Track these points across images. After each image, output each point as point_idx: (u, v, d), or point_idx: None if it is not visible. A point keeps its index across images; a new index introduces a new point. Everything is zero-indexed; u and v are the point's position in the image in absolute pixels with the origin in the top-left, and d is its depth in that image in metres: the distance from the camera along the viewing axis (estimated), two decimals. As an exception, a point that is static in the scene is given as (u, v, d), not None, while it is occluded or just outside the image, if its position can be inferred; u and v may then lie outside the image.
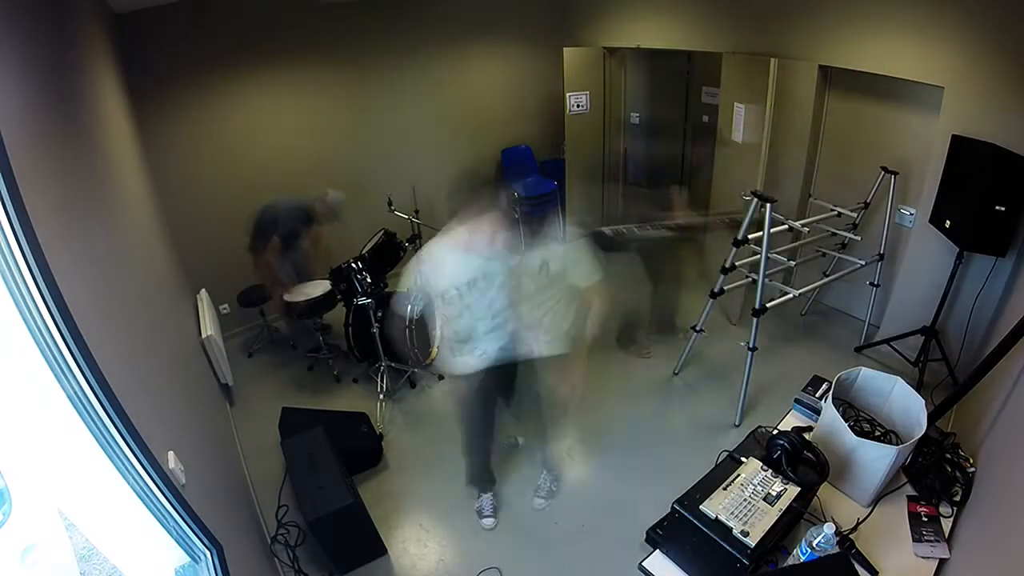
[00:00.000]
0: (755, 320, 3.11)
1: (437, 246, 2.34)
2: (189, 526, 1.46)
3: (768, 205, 2.91)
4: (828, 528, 1.56)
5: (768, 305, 3.13)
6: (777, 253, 3.28)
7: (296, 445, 2.85)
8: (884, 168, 3.39)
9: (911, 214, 3.44)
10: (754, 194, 2.98)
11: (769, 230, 2.94)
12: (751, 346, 3.14)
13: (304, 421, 3.20)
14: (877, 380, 2.06)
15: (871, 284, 3.68)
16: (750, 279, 3.37)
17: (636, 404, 3.60)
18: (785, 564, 1.68)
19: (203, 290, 3.94)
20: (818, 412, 2.15)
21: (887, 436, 2.02)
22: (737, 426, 3.28)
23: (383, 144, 4.84)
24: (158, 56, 3.62)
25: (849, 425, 1.87)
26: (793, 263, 3.18)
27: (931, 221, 3.09)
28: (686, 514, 1.62)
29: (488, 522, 2.85)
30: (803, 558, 1.60)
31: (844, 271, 3.64)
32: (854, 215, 3.58)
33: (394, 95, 4.75)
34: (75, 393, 1.11)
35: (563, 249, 2.46)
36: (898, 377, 2.02)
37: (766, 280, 3.09)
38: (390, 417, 3.61)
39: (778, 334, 3.99)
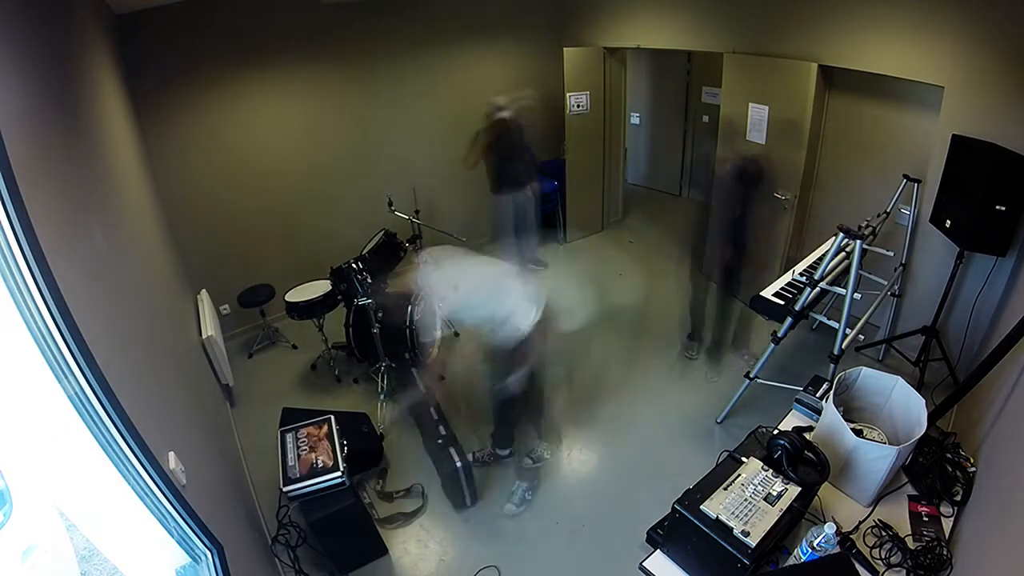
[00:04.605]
0: (833, 367, 2.78)
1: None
2: (190, 526, 1.46)
3: (858, 242, 2.57)
4: (829, 528, 1.56)
5: (844, 346, 2.79)
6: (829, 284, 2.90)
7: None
8: (907, 176, 3.25)
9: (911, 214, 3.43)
10: (840, 228, 2.60)
11: (859, 270, 2.61)
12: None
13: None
14: (878, 380, 2.06)
15: (893, 295, 3.56)
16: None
17: (637, 403, 3.60)
18: (786, 564, 1.68)
19: (203, 290, 3.94)
20: (819, 412, 2.15)
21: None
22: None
23: (383, 144, 4.84)
24: (158, 56, 3.62)
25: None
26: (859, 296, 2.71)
27: (931, 221, 3.08)
28: (687, 514, 1.62)
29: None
30: (804, 558, 1.60)
31: (871, 287, 3.43)
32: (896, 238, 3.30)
33: (395, 95, 4.75)
34: (75, 393, 1.11)
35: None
36: (899, 377, 2.02)
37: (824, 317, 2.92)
38: (391, 417, 3.61)
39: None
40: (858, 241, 2.58)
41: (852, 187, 3.83)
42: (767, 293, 3.13)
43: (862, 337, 3.45)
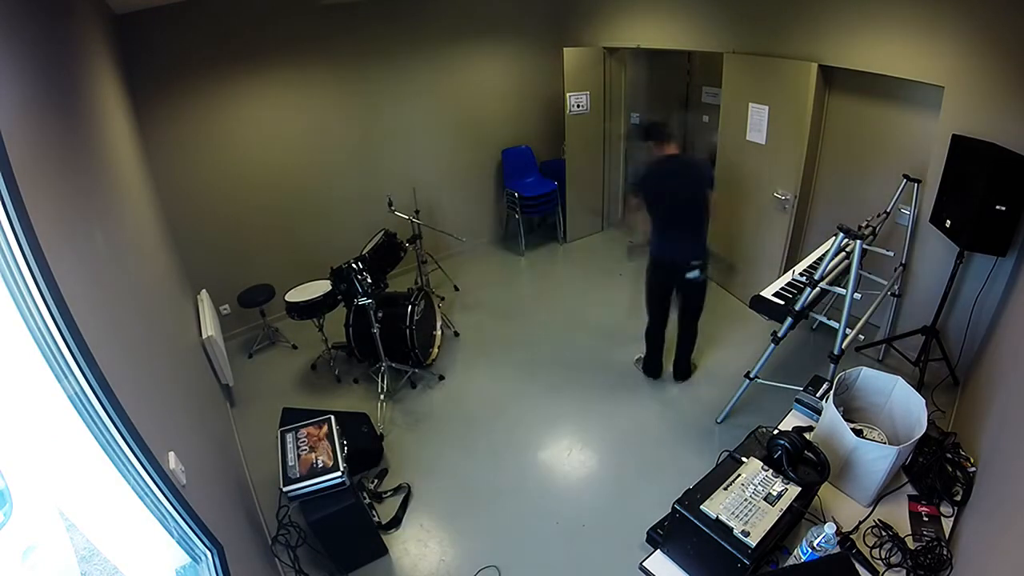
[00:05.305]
0: (833, 367, 2.78)
1: None
2: (190, 526, 1.46)
3: (858, 242, 2.57)
4: (829, 528, 1.56)
5: (844, 346, 2.78)
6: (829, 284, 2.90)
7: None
8: (907, 176, 3.24)
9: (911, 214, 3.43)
10: (840, 228, 2.57)
11: (859, 270, 2.61)
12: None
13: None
14: (878, 380, 2.06)
15: (893, 295, 3.56)
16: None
17: (638, 403, 3.61)
18: (786, 564, 1.68)
19: (204, 291, 3.94)
20: (819, 412, 2.15)
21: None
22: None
23: (384, 144, 4.84)
24: (158, 56, 3.62)
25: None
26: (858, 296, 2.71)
27: (931, 221, 3.08)
28: (687, 514, 1.62)
29: None
30: (804, 558, 1.60)
31: (871, 287, 3.45)
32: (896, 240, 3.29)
33: (395, 95, 4.76)
34: (75, 393, 1.11)
35: None
36: (899, 377, 2.02)
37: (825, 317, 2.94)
38: (391, 417, 3.61)
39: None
40: (858, 241, 2.58)
41: (852, 187, 3.83)
42: (767, 293, 3.13)
43: (862, 337, 3.45)
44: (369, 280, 3.48)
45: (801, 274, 3.11)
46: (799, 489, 1.65)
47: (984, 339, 3.05)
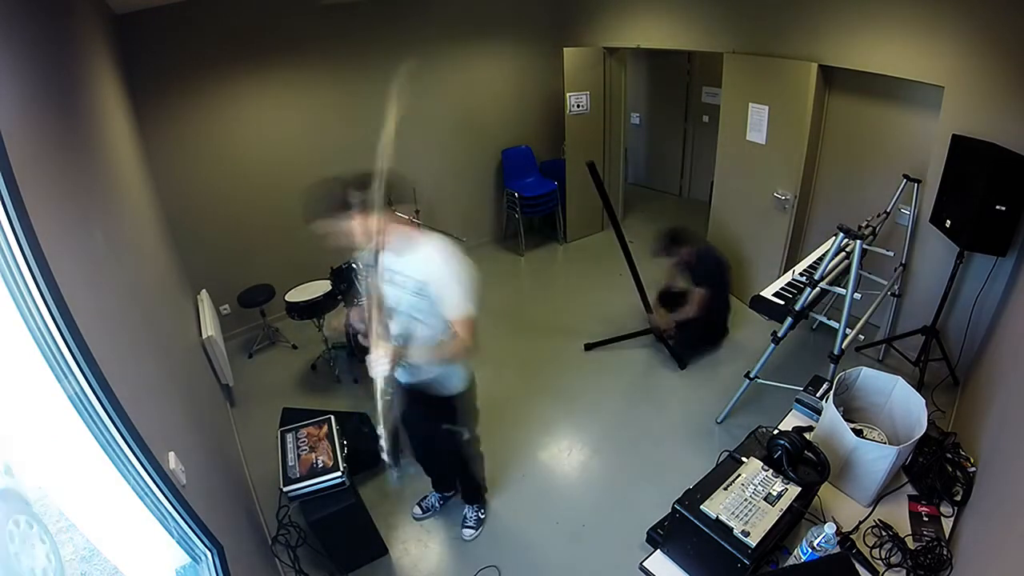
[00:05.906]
0: (833, 367, 2.78)
1: None
2: (190, 526, 1.46)
3: (858, 242, 2.58)
4: (829, 528, 1.56)
5: (844, 346, 2.78)
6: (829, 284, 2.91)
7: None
8: (907, 176, 3.24)
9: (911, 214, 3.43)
10: (840, 228, 2.58)
11: (859, 270, 2.63)
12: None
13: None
14: (878, 380, 2.06)
15: (893, 295, 3.56)
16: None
17: (638, 404, 3.61)
18: (786, 564, 1.68)
19: (204, 291, 3.94)
20: (819, 412, 2.15)
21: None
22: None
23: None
24: (158, 56, 3.62)
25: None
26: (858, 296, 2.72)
27: (931, 221, 3.08)
28: (687, 514, 1.62)
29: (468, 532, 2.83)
30: (804, 558, 1.60)
31: (871, 287, 3.46)
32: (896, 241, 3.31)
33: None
34: (75, 393, 1.11)
35: (439, 264, 1.99)
36: (899, 377, 2.02)
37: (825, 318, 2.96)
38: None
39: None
40: (858, 241, 2.58)
41: (852, 187, 3.83)
42: (767, 293, 3.13)
43: (862, 337, 3.45)
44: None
45: (801, 274, 3.12)
46: (799, 489, 1.65)
47: (984, 339, 3.05)
